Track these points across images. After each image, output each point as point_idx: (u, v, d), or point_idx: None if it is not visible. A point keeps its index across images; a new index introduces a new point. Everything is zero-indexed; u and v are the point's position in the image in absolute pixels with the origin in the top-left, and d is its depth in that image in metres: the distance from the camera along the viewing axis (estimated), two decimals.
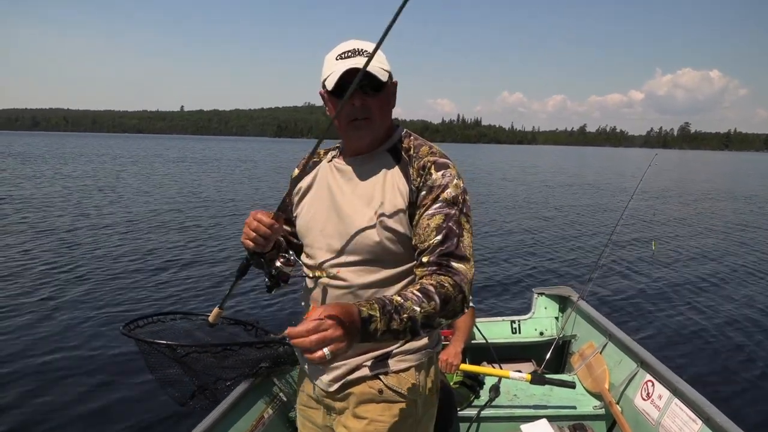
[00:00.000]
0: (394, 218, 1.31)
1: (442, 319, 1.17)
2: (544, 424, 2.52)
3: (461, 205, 1.30)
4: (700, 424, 2.15)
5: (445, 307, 1.16)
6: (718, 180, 32.93)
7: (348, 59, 1.29)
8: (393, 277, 1.35)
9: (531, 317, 3.68)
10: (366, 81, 1.27)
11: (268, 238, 1.30)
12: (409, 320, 1.10)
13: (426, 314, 1.13)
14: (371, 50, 1.30)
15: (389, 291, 1.34)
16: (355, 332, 1.01)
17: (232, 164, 35.56)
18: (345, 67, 1.27)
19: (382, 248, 1.32)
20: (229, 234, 10.20)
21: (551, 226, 12.35)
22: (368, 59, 1.15)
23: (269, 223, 1.29)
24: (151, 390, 3.94)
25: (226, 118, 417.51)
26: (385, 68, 1.33)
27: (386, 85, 1.33)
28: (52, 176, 21.97)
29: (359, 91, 1.28)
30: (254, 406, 2.48)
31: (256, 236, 1.29)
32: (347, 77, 1.25)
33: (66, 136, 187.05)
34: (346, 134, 1.39)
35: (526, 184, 25.20)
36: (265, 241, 1.31)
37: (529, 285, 6.72)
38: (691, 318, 5.88)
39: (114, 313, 5.56)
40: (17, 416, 3.63)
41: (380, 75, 1.29)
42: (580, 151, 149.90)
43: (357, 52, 1.30)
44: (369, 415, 1.38)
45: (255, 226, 1.29)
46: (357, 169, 1.41)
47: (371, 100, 1.31)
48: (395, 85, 1.41)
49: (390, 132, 1.44)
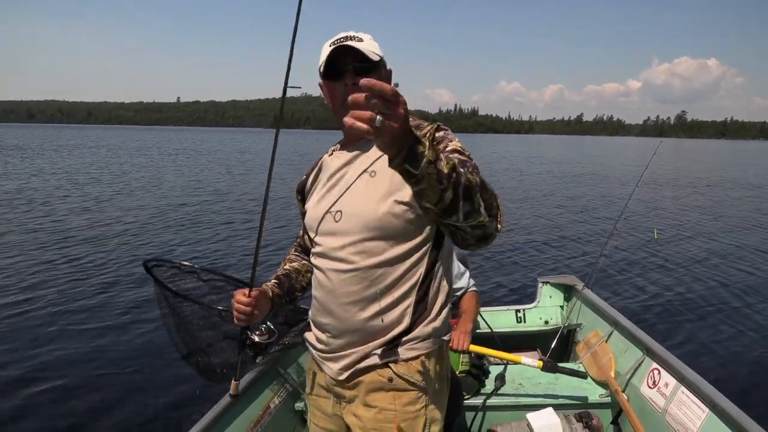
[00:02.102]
0: (400, 192, 1.31)
1: (481, 200, 1.07)
2: (549, 412, 2.52)
3: (469, 155, 1.32)
4: (707, 411, 2.15)
5: (484, 190, 1.09)
6: (718, 168, 32.91)
7: (339, 45, 1.35)
8: (401, 255, 1.35)
9: (536, 306, 3.67)
10: (357, 62, 1.34)
11: (249, 314, 1.45)
12: (454, 170, 1.00)
13: (468, 180, 1.03)
14: (365, 38, 1.38)
15: (396, 271, 1.35)
16: (407, 132, 0.92)
17: (234, 156, 35.36)
18: (335, 48, 1.34)
19: (389, 224, 1.31)
20: (239, 232, 9.95)
21: (555, 215, 12.37)
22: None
23: (246, 302, 1.44)
24: (158, 382, 4.03)
25: (223, 109, 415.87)
26: (377, 52, 1.38)
27: (378, 67, 1.39)
28: (40, 169, 21.85)
29: (351, 72, 1.35)
30: (261, 396, 2.48)
31: (239, 315, 1.46)
32: (337, 57, 1.34)
33: (62, 127, 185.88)
34: (341, 117, 1.38)
35: (527, 173, 25.20)
36: (249, 318, 1.47)
37: (534, 274, 6.72)
38: (697, 305, 5.90)
39: (116, 311, 5.55)
40: (19, 416, 3.64)
41: (371, 55, 1.35)
42: (577, 140, 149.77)
43: (348, 38, 1.36)
44: (379, 404, 1.38)
45: (236, 307, 1.45)
46: (357, 154, 1.44)
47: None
48: (390, 73, 1.46)
49: None
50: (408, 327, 1.37)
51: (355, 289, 1.36)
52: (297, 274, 1.63)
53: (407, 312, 1.37)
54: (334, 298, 1.39)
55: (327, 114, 1.47)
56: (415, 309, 1.37)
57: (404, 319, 1.37)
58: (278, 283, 1.60)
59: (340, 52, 1.33)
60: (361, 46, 1.33)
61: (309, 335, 1.55)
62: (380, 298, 1.35)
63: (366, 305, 1.36)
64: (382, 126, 0.86)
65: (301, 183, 1.61)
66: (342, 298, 1.37)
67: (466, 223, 1.08)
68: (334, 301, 1.39)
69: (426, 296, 1.39)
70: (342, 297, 1.37)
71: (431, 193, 1.00)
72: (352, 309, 1.37)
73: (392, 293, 1.36)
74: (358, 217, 1.34)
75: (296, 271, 1.64)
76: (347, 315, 1.37)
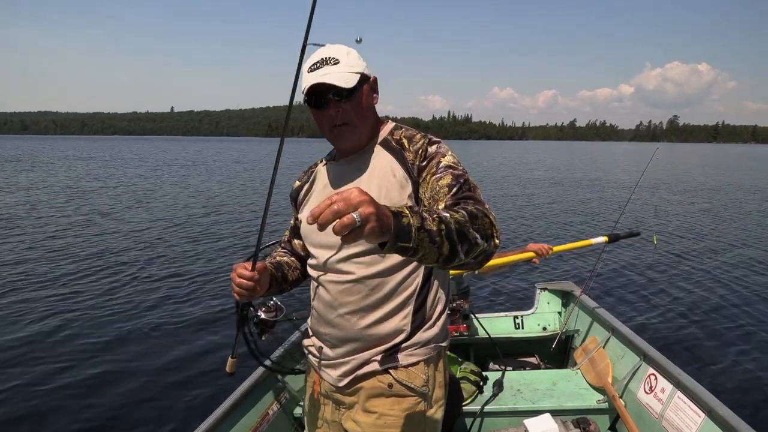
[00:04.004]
0: (394, 204, 1.32)
1: (475, 233, 1.06)
2: (547, 418, 2.53)
3: (463, 167, 1.33)
4: (702, 417, 2.16)
5: (474, 220, 1.08)
6: (712, 172, 33.06)
7: (316, 71, 1.33)
8: (397, 265, 1.37)
9: (534, 312, 3.70)
10: (335, 90, 1.31)
11: (251, 289, 1.35)
12: (441, 222, 0.99)
13: (457, 221, 1.03)
14: (341, 56, 1.34)
15: (393, 280, 1.37)
16: (384, 215, 0.90)
17: (230, 166, 35.29)
18: (311, 81, 1.31)
19: None
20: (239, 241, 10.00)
21: (552, 221, 12.39)
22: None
23: (249, 276, 1.34)
24: (157, 389, 4.03)
25: (217, 119, 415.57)
26: (355, 71, 1.34)
27: (358, 88, 1.34)
28: (35, 181, 21.76)
29: (332, 100, 1.32)
30: (259, 402, 2.48)
31: (241, 290, 1.35)
32: (314, 91, 1.32)
33: (55, 139, 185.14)
34: (332, 138, 1.42)
35: (522, 179, 25.23)
36: (251, 292, 1.36)
37: (531, 280, 6.73)
38: (693, 311, 5.90)
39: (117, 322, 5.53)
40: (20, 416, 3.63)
41: (346, 83, 1.30)
42: (569, 146, 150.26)
43: (324, 62, 1.33)
44: (379, 410, 1.40)
45: (238, 281, 1.34)
46: (351, 166, 1.44)
47: (346, 105, 1.34)
48: (374, 82, 1.43)
49: (378, 127, 1.47)
50: (407, 335, 1.39)
51: (353, 299, 1.38)
52: (288, 267, 1.60)
53: (406, 320, 1.39)
54: (333, 308, 1.40)
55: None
56: (413, 317, 1.39)
57: (403, 327, 1.38)
58: (275, 267, 1.55)
59: (317, 87, 1.32)
60: (335, 75, 1.30)
61: (308, 343, 1.56)
62: (379, 308, 1.37)
63: (365, 314, 1.38)
64: (364, 220, 0.85)
65: (294, 191, 1.62)
66: (341, 308, 1.39)
67: (468, 259, 1.08)
68: (333, 311, 1.41)
69: (424, 304, 1.41)
70: (341, 307, 1.39)
71: (429, 254, 0.99)
72: (351, 318, 1.38)
73: (390, 302, 1.37)
74: None
75: (287, 264, 1.61)
76: (347, 324, 1.39)
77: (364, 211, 0.85)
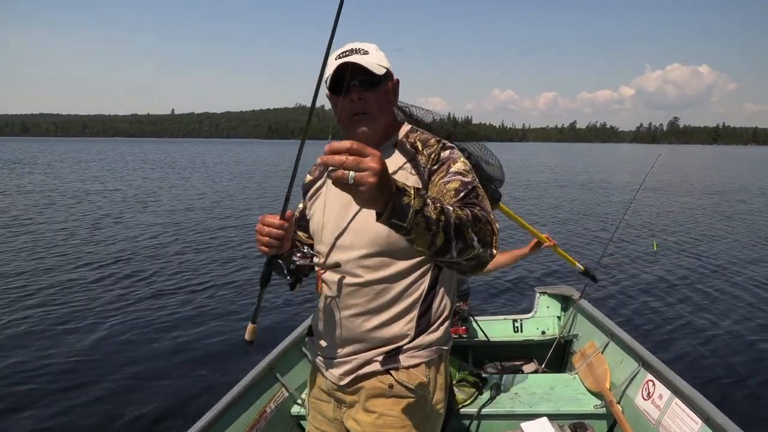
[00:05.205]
0: None
1: (474, 235, 1.08)
2: (544, 422, 2.53)
3: (473, 176, 1.33)
4: (700, 423, 2.16)
5: (476, 223, 1.09)
6: (714, 175, 32.96)
7: (345, 58, 1.33)
8: (404, 271, 1.37)
9: (533, 316, 3.69)
10: (362, 76, 1.33)
11: (281, 239, 1.29)
12: (443, 213, 1.02)
13: (458, 217, 1.05)
14: (371, 50, 1.37)
15: (400, 285, 1.37)
16: (387, 186, 0.92)
17: (232, 168, 35.30)
18: (340, 62, 1.33)
19: (395, 240, 1.31)
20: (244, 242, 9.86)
21: (552, 225, 12.34)
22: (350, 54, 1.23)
23: (279, 224, 1.27)
24: (151, 387, 4.04)
25: (217, 121, 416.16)
26: (383, 65, 1.36)
27: (383, 81, 1.37)
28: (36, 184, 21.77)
29: (357, 86, 1.33)
30: (256, 401, 2.48)
31: (270, 240, 1.28)
32: (341, 73, 1.31)
33: (56, 141, 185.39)
34: (348, 130, 1.41)
35: (523, 181, 25.19)
36: (280, 243, 1.29)
37: (531, 284, 6.72)
38: (693, 318, 5.87)
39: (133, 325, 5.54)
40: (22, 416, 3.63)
41: (375, 70, 1.33)
42: (569, 147, 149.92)
43: (354, 51, 1.35)
44: (379, 409, 1.41)
45: (266, 231, 1.28)
46: None
47: (369, 94, 1.35)
48: (397, 84, 1.45)
49: (394, 128, 1.48)
50: (411, 338, 1.40)
51: (359, 302, 1.39)
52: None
53: (411, 324, 1.40)
54: (339, 309, 1.41)
55: (322, 125, 1.45)
56: (418, 322, 1.40)
57: (407, 331, 1.39)
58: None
59: (345, 68, 1.32)
60: (365, 60, 1.32)
61: (311, 341, 1.57)
62: (384, 311, 1.38)
63: (370, 317, 1.39)
64: (357, 183, 0.87)
65: (306, 185, 1.62)
66: (346, 309, 1.40)
67: (460, 258, 1.09)
68: (338, 312, 1.42)
69: (429, 310, 1.42)
70: (346, 308, 1.40)
71: (422, 240, 1.01)
72: (356, 320, 1.39)
73: (396, 306, 1.38)
74: (365, 232, 1.36)
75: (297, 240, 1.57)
76: (351, 325, 1.40)
77: (363, 178, 0.88)
